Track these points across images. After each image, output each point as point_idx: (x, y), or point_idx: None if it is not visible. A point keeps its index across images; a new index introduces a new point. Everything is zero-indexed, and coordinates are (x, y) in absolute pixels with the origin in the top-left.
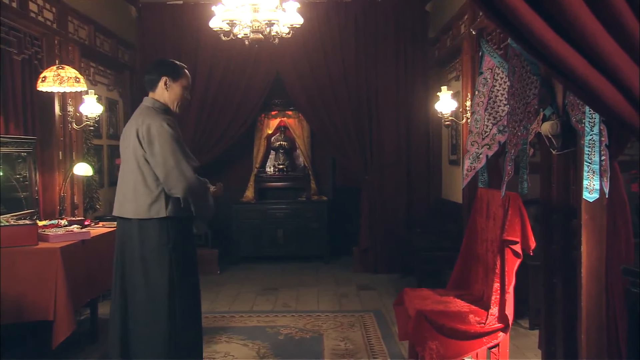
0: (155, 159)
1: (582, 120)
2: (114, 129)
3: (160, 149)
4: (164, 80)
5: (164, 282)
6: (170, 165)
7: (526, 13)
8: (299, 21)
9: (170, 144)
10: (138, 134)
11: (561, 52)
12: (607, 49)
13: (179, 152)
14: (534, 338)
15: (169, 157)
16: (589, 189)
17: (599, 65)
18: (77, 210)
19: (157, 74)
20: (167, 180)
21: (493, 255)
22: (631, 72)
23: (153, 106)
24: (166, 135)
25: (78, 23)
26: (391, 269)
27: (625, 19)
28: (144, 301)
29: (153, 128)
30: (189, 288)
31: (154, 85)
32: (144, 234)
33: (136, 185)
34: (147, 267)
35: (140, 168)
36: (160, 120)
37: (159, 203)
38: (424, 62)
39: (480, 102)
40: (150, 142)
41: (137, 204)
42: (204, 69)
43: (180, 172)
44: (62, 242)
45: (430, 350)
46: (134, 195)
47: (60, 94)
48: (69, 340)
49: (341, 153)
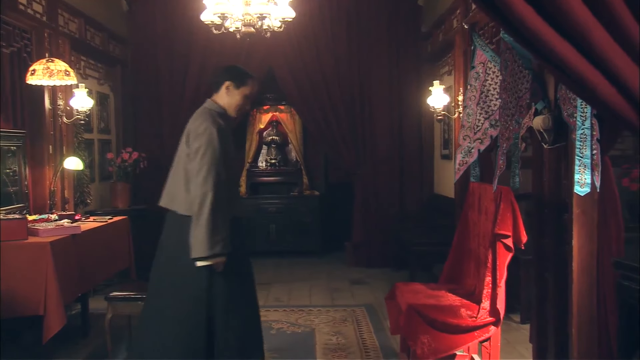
0: (190, 157)
1: (574, 114)
2: (104, 123)
3: (196, 151)
4: (227, 84)
5: (199, 279)
6: (195, 169)
7: (519, 4)
8: (291, 15)
9: (207, 149)
10: (189, 133)
11: (554, 44)
12: (601, 41)
13: (210, 162)
14: (525, 332)
15: (200, 160)
16: (580, 183)
17: (592, 58)
18: (67, 204)
19: (222, 77)
20: (189, 182)
21: (485, 249)
22: (624, 65)
23: (211, 108)
24: (208, 142)
25: (68, 16)
26: (384, 264)
27: (618, 11)
28: (173, 300)
29: (201, 129)
30: (232, 290)
31: (217, 87)
32: (182, 229)
33: (180, 181)
34: (180, 265)
35: (184, 165)
36: (211, 124)
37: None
38: (417, 56)
39: (472, 97)
40: (194, 141)
41: (180, 199)
42: (196, 63)
43: (199, 180)
44: (52, 236)
45: (422, 344)
46: (177, 191)
47: (50, 87)
48: (60, 335)
49: (333, 148)
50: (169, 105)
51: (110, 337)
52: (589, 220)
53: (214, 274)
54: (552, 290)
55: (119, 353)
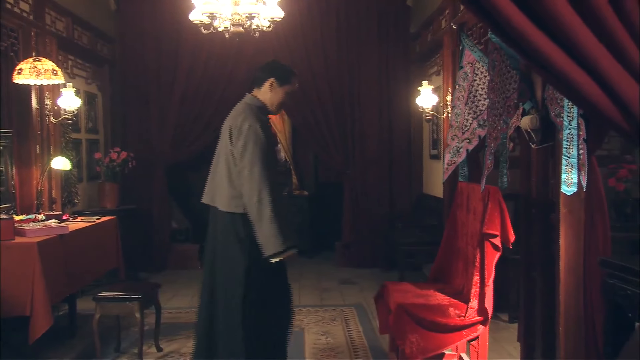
0: (237, 155)
1: (561, 114)
2: (92, 123)
3: (243, 148)
4: (271, 81)
5: (239, 277)
6: (246, 167)
7: (505, 5)
8: (280, 15)
9: (255, 146)
10: (231, 129)
11: (540, 44)
12: (586, 42)
13: (259, 157)
14: (514, 331)
15: (250, 158)
16: (567, 183)
17: (578, 58)
18: (55, 204)
19: (267, 73)
20: (239, 179)
21: (473, 248)
22: (609, 65)
23: (252, 103)
24: (255, 138)
25: (55, 15)
26: (373, 264)
27: (603, 12)
28: (222, 299)
29: (245, 126)
30: (269, 288)
31: (260, 83)
32: (226, 226)
33: (222, 178)
34: (226, 261)
35: (227, 162)
36: (254, 120)
37: (240, 199)
38: (406, 56)
39: (460, 97)
40: (238, 139)
41: (222, 196)
42: (185, 62)
43: (252, 176)
44: (39, 236)
45: (411, 344)
46: (220, 188)
47: (37, 86)
48: (47, 336)
49: (323, 148)
50: (157, 105)
51: (98, 338)
52: (576, 219)
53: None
54: (540, 289)
55: (107, 354)
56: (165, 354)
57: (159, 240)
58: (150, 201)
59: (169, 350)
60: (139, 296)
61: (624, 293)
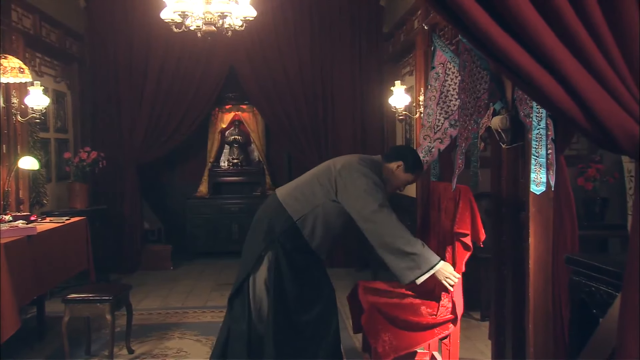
0: (347, 194)
1: (530, 114)
2: (61, 122)
3: (353, 186)
4: (399, 163)
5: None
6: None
7: (472, 7)
8: (252, 14)
9: (366, 182)
10: (339, 171)
11: (506, 46)
12: (549, 43)
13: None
14: (485, 329)
15: (361, 186)
16: (536, 182)
17: (542, 60)
18: (22, 205)
19: (401, 156)
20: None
21: (444, 247)
22: (573, 67)
23: (377, 161)
24: (362, 174)
25: (22, 11)
26: (348, 263)
27: (565, 14)
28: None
29: (358, 168)
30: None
31: (390, 160)
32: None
33: (306, 191)
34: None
35: (312, 182)
36: (367, 171)
37: (304, 215)
38: (379, 57)
39: (432, 97)
40: (346, 172)
41: (295, 204)
42: (157, 61)
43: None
44: (6, 238)
45: (383, 342)
46: (299, 197)
47: (3, 85)
48: (15, 339)
49: (296, 147)
50: (128, 104)
51: (67, 340)
52: (545, 218)
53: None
54: (510, 286)
55: (77, 356)
56: (136, 356)
57: (130, 241)
58: (121, 201)
59: (140, 352)
60: (110, 297)
61: (588, 290)
